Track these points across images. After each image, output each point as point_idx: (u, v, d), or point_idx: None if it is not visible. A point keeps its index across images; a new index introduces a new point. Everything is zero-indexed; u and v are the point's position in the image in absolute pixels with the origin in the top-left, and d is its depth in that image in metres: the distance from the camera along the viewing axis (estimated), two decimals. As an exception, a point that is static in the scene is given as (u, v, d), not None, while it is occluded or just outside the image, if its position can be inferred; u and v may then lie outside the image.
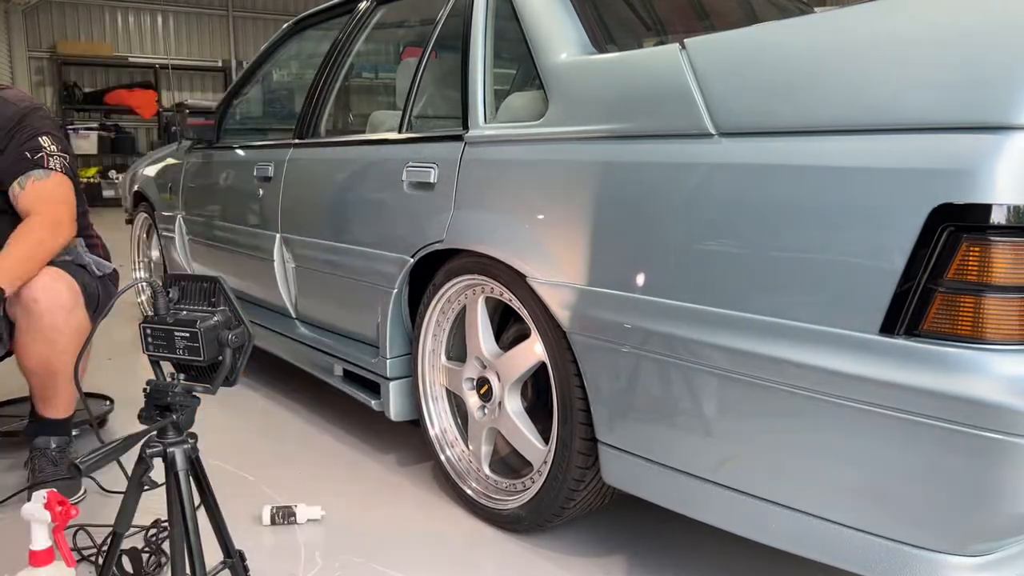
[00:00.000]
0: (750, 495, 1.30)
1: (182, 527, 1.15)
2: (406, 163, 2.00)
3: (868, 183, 1.09)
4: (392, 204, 2.03)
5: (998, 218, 0.99)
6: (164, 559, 1.64)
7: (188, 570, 1.16)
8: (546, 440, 1.72)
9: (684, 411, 1.36)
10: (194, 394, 1.18)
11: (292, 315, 2.62)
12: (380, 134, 2.20)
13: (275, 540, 1.80)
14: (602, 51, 1.63)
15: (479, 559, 1.72)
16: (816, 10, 1.52)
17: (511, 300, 1.73)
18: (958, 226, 1.02)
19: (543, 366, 1.70)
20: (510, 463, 1.93)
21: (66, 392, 2.01)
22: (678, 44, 1.37)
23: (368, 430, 2.48)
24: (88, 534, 1.73)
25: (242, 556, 1.29)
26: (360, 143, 2.25)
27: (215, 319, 1.15)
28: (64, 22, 11.02)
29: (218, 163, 3.03)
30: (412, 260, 1.95)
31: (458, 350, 2.00)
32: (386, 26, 2.55)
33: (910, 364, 1.06)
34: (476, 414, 1.89)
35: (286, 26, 2.93)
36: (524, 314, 1.70)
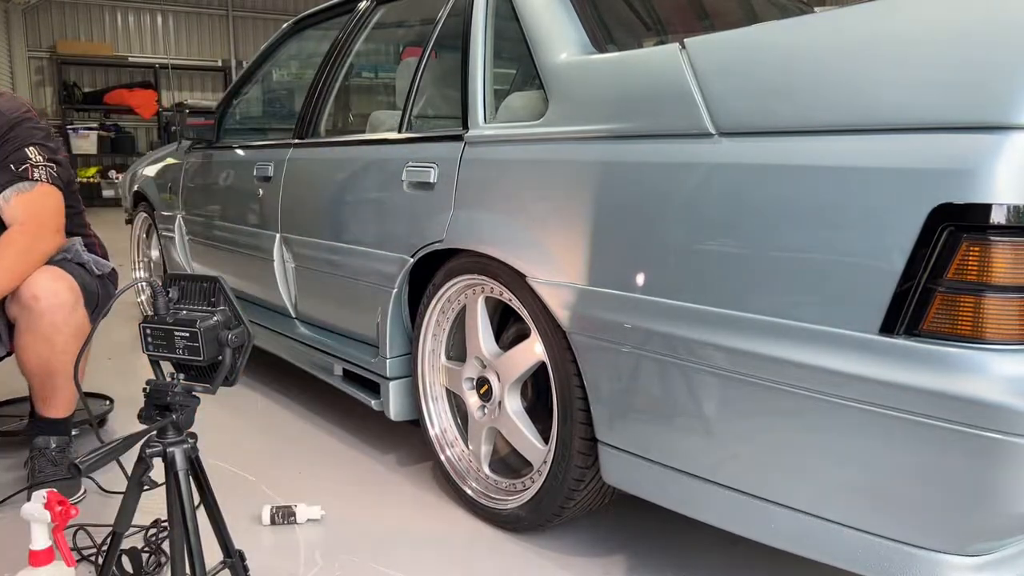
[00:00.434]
0: (750, 495, 1.30)
1: (182, 527, 1.15)
2: (406, 163, 2.00)
3: (868, 183, 1.09)
4: (392, 204, 2.03)
5: (998, 218, 0.99)
6: (164, 559, 1.64)
7: (188, 570, 1.16)
8: (546, 440, 1.72)
9: (684, 411, 1.36)
10: (194, 394, 1.18)
11: (292, 315, 2.62)
12: (380, 134, 2.20)
13: (275, 540, 1.80)
14: (602, 51, 1.62)
15: (479, 559, 1.72)
16: (816, 10, 1.52)
17: (511, 300, 1.73)
18: (958, 226, 1.02)
19: (543, 366, 1.70)
20: (510, 463, 1.93)
21: (65, 392, 2.01)
22: (678, 44, 1.37)
23: (368, 430, 2.48)
24: (88, 534, 1.73)
25: (242, 556, 1.29)
26: (360, 143, 2.24)
27: (215, 319, 1.15)
28: (64, 22, 11.02)
29: (218, 163, 3.03)
30: (412, 260, 1.95)
31: (458, 350, 2.00)
32: (386, 26, 2.55)
33: (910, 364, 1.06)
34: (476, 414, 1.89)
35: (286, 26, 2.93)
36: (524, 314, 1.70)
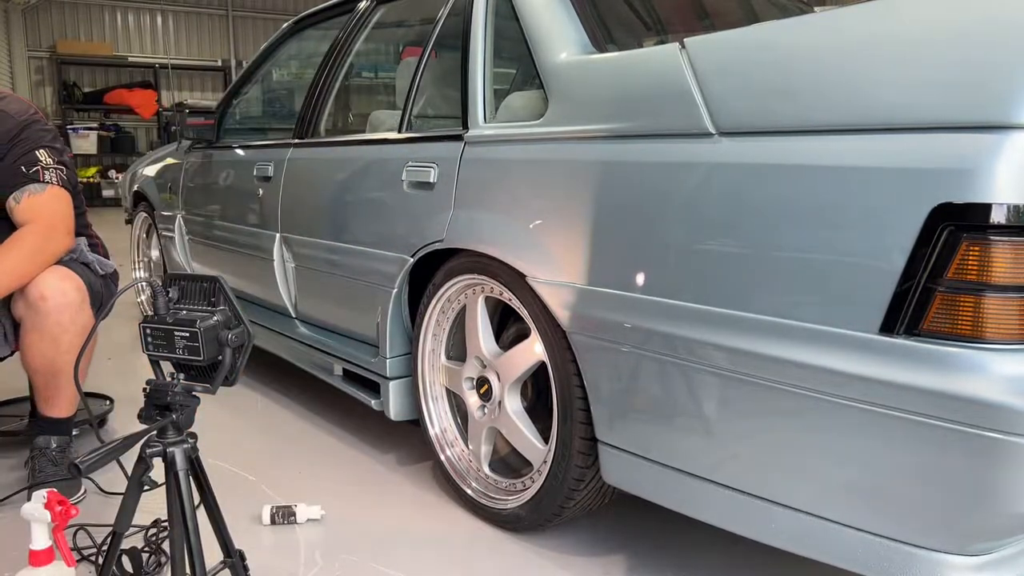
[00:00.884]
0: (750, 495, 1.30)
1: (182, 527, 1.15)
2: (406, 163, 2.00)
3: (868, 183, 1.09)
4: (392, 204, 2.03)
5: (998, 217, 0.99)
6: (164, 559, 1.64)
7: (188, 570, 1.16)
8: (546, 440, 1.72)
9: (684, 411, 1.36)
10: (194, 394, 1.18)
11: (292, 315, 2.62)
12: (380, 134, 2.20)
13: (275, 540, 1.80)
14: (602, 51, 1.62)
15: (479, 559, 1.72)
16: (816, 10, 1.52)
17: (511, 300, 1.73)
18: (958, 225, 1.02)
19: (543, 366, 1.70)
20: (510, 463, 1.93)
21: (68, 392, 2.01)
22: (678, 44, 1.37)
23: (368, 430, 2.48)
24: (88, 534, 1.73)
25: (242, 556, 1.29)
26: (360, 143, 2.24)
27: (215, 319, 1.15)
28: (64, 22, 11.02)
29: (218, 163, 3.03)
30: (412, 260, 1.95)
31: (458, 350, 2.00)
32: (386, 26, 2.55)
33: (910, 364, 1.06)
34: (476, 414, 1.89)
35: (286, 26, 2.93)
36: (524, 314, 1.70)
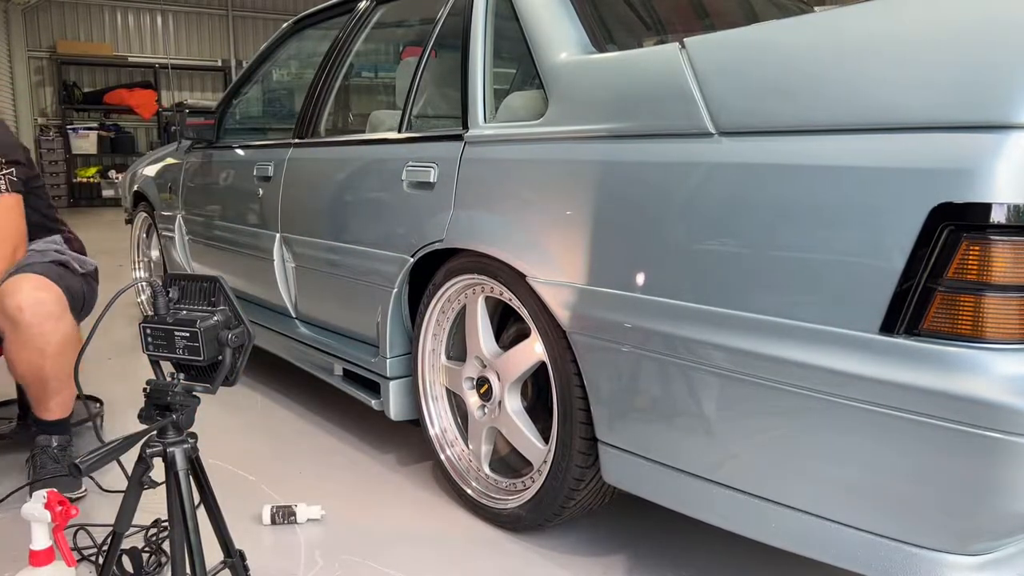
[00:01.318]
0: (750, 494, 1.30)
1: (182, 527, 1.15)
2: (406, 163, 2.00)
3: (868, 182, 1.09)
4: (392, 204, 2.03)
5: (998, 217, 0.99)
6: (164, 559, 1.64)
7: (188, 570, 1.16)
8: (546, 439, 1.72)
9: (684, 410, 1.36)
10: (194, 394, 1.18)
11: (292, 315, 2.62)
12: (380, 134, 2.20)
13: (275, 540, 1.80)
14: (602, 51, 1.62)
15: (479, 559, 1.72)
16: (816, 10, 1.52)
17: (511, 300, 1.73)
18: (958, 225, 1.02)
19: (543, 365, 1.70)
20: (510, 463, 1.93)
21: (59, 395, 2.01)
22: (678, 44, 1.37)
23: (368, 430, 2.48)
24: (88, 534, 1.73)
25: (242, 556, 1.29)
26: (360, 143, 2.24)
27: (215, 319, 1.15)
28: (64, 22, 11.01)
29: (218, 163, 3.02)
30: (412, 260, 1.95)
31: (458, 350, 2.00)
32: (386, 26, 2.55)
33: (910, 363, 1.06)
34: (476, 413, 1.89)
35: (286, 26, 2.93)
36: (524, 314, 1.70)
